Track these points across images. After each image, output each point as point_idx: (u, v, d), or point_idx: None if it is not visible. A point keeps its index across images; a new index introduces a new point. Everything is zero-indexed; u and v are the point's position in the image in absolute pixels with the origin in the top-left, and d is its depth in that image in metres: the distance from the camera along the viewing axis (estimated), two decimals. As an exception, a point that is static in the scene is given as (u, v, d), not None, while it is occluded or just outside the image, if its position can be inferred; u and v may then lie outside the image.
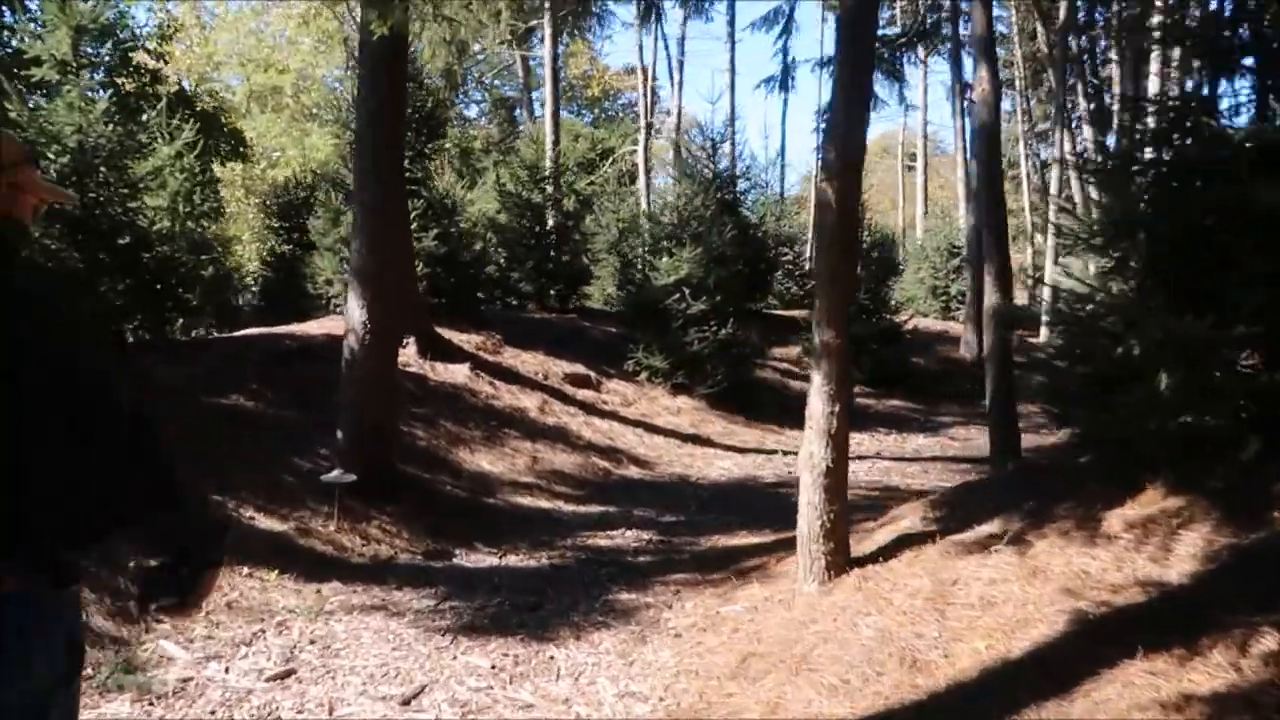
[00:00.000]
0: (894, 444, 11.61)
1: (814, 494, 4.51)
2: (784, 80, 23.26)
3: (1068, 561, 3.86)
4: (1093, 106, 17.81)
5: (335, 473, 6.05)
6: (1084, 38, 18.74)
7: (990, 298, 7.31)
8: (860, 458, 10.51)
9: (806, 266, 22.69)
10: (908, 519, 5.13)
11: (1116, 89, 17.02)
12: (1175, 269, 4.25)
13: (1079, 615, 3.53)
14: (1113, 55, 17.65)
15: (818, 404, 4.48)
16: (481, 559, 6.16)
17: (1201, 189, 4.14)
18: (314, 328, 9.99)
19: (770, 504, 7.89)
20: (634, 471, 9.21)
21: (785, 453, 10.46)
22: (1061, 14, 17.74)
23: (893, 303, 15.36)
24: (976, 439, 12.10)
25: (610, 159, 22.92)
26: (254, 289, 16.51)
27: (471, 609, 5.12)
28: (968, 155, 18.91)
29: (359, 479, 6.12)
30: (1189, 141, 4.36)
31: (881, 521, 5.38)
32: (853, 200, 4.42)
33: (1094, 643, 3.37)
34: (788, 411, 12.78)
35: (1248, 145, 4.05)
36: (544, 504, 7.66)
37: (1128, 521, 3.98)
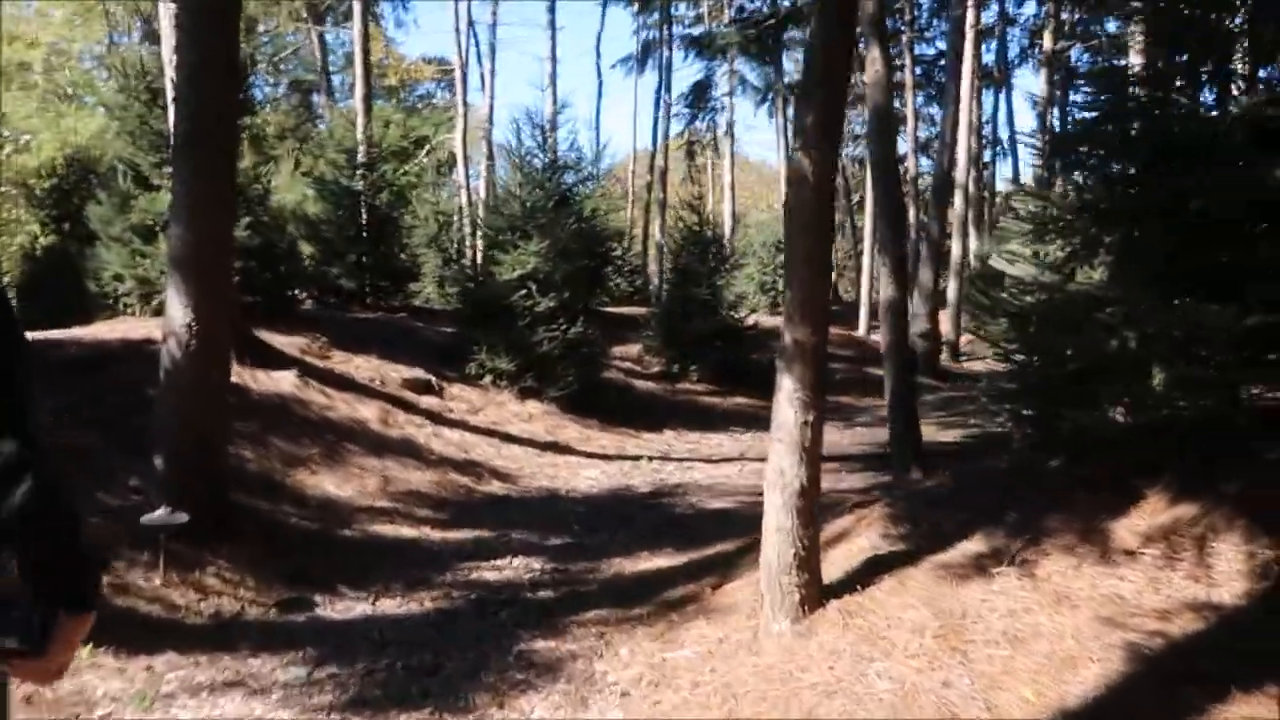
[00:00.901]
0: (754, 444, 11.24)
1: (785, 517, 3.87)
2: (643, 59, 22.77)
3: (1092, 584, 3.41)
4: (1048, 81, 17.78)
5: (160, 512, 4.81)
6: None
7: (887, 290, 6.98)
8: (726, 460, 10.07)
9: (636, 262, 22.32)
10: (864, 536, 4.60)
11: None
12: (1165, 254, 3.93)
13: (1132, 649, 3.06)
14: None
15: (789, 413, 3.83)
16: (350, 607, 5.11)
17: (1195, 169, 3.81)
18: (105, 331, 8.38)
19: (657, 519, 7.24)
20: (497, 487, 8.28)
21: (650, 458, 9.84)
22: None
23: (731, 298, 15.12)
24: (829, 436, 11.96)
25: (425, 148, 21.55)
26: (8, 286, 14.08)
27: (355, 677, 4.12)
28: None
29: (188, 517, 4.90)
30: (1174, 117, 4.04)
31: (827, 539, 4.81)
32: (832, 173, 3.81)
33: (1164, 682, 2.90)
34: (639, 413, 12.22)
35: (1243, 121, 3.76)
36: (407, 531, 6.62)
37: (1141, 534, 3.59)
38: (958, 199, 18.28)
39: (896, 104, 25.07)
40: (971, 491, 4.66)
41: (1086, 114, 4.62)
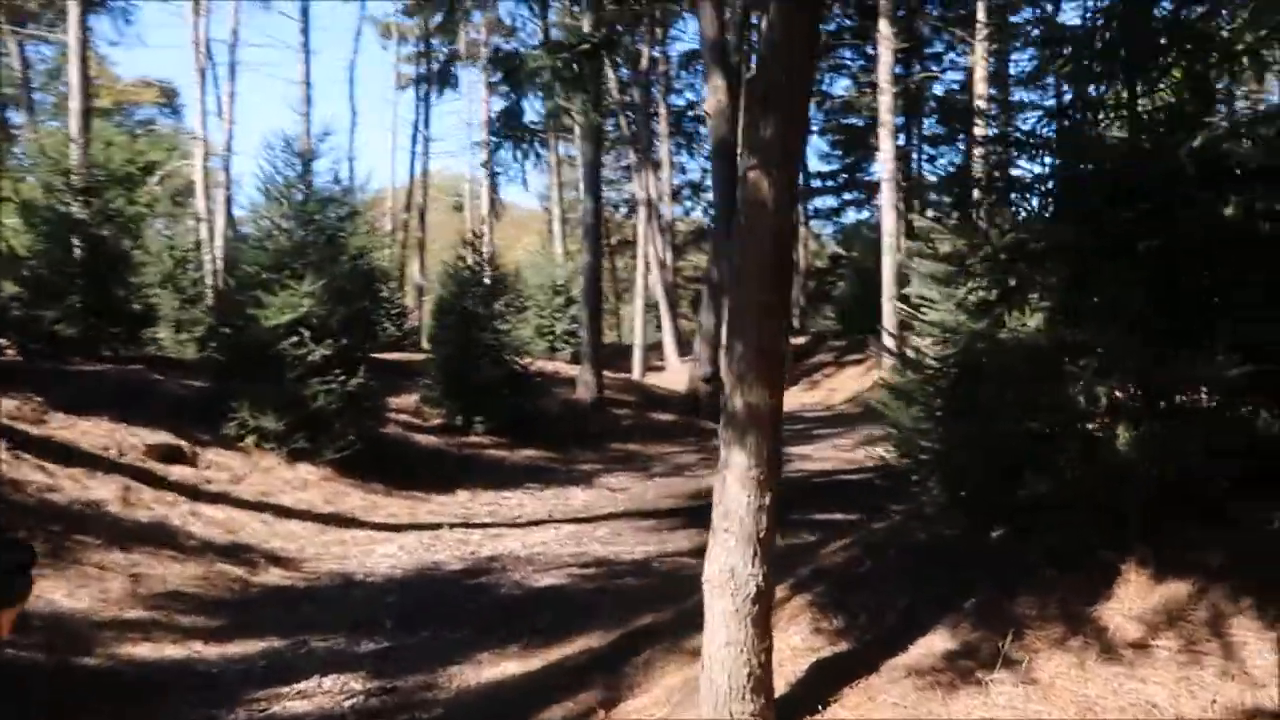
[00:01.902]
0: (557, 503, 10.42)
1: (737, 628, 3.10)
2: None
3: (1112, 690, 2.91)
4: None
5: None
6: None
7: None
8: (534, 523, 9.18)
9: (406, 304, 20.86)
10: (792, 632, 3.91)
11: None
12: (1114, 297, 3.59)
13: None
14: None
15: (739, 496, 3.10)
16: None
17: (1142, 207, 3.51)
18: None
19: (484, 605, 6.23)
20: (278, 575, 6.89)
21: (451, 526, 8.75)
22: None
23: (515, 344, 14.23)
24: (631, 488, 11.42)
25: (157, 175, 19.01)
26: None
27: None
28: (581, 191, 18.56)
29: None
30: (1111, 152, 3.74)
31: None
32: (794, 199, 3.14)
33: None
34: (426, 473, 11.04)
35: (1195, 155, 3.50)
36: (173, 651, 5.19)
37: (1139, 620, 3.16)
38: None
39: (649, 149, 25.48)
40: (894, 570, 4.13)
41: (996, 150, 4.29)
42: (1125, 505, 3.39)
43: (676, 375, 25.61)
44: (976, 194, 4.39)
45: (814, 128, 33.66)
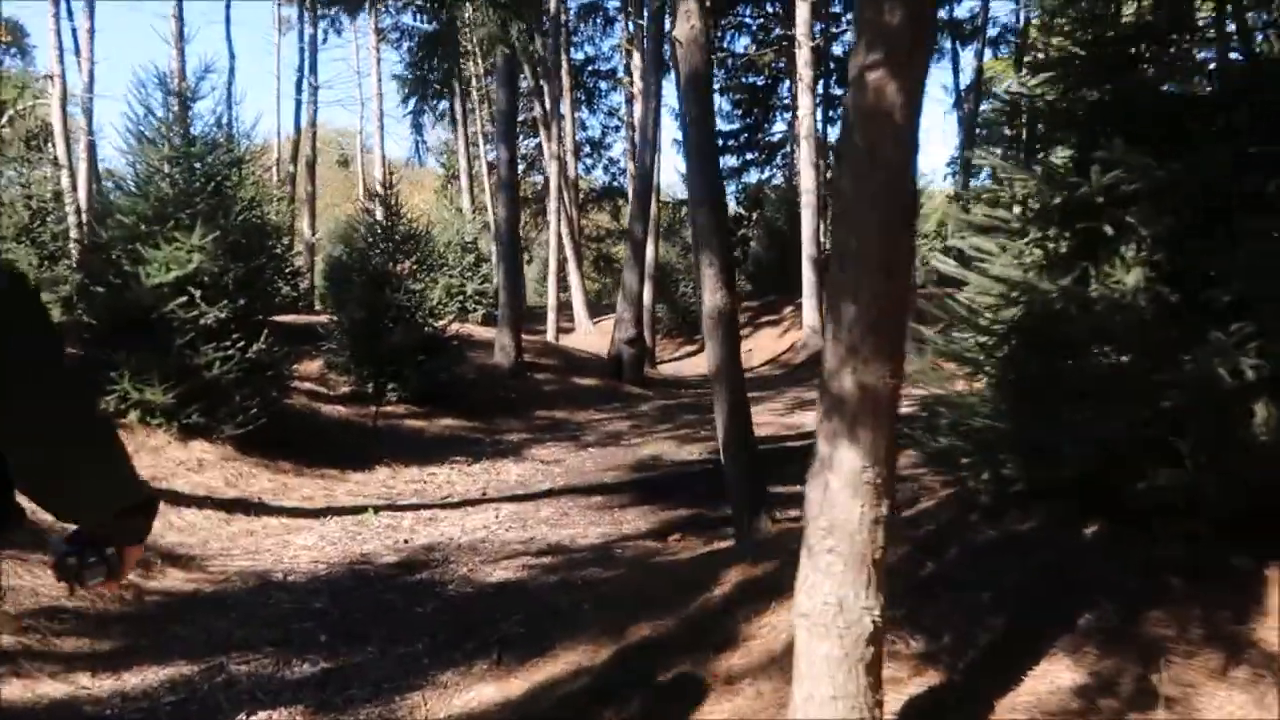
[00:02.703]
0: (489, 478, 9.51)
1: (846, 679, 2.34)
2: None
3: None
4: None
5: None
6: None
7: (713, 297, 5.65)
8: (469, 503, 8.27)
9: (298, 261, 19.33)
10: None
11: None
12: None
13: None
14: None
15: (850, 506, 2.31)
16: None
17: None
18: None
19: (433, 609, 5.34)
20: (179, 579, 5.81)
21: (376, 509, 7.76)
22: None
23: (429, 305, 13.10)
24: (566, 459, 10.59)
25: (3, 116, 16.90)
26: None
27: None
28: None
29: None
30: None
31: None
32: (918, 113, 2.32)
33: None
34: (338, 448, 9.96)
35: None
36: (53, 688, 4.12)
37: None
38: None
39: (548, 106, 24.34)
40: (966, 574, 3.43)
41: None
42: (1248, 498, 2.78)
43: (588, 337, 24.81)
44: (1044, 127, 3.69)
45: (715, 86, 33.04)
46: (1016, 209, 3.81)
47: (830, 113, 28.85)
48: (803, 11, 19.07)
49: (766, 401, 14.44)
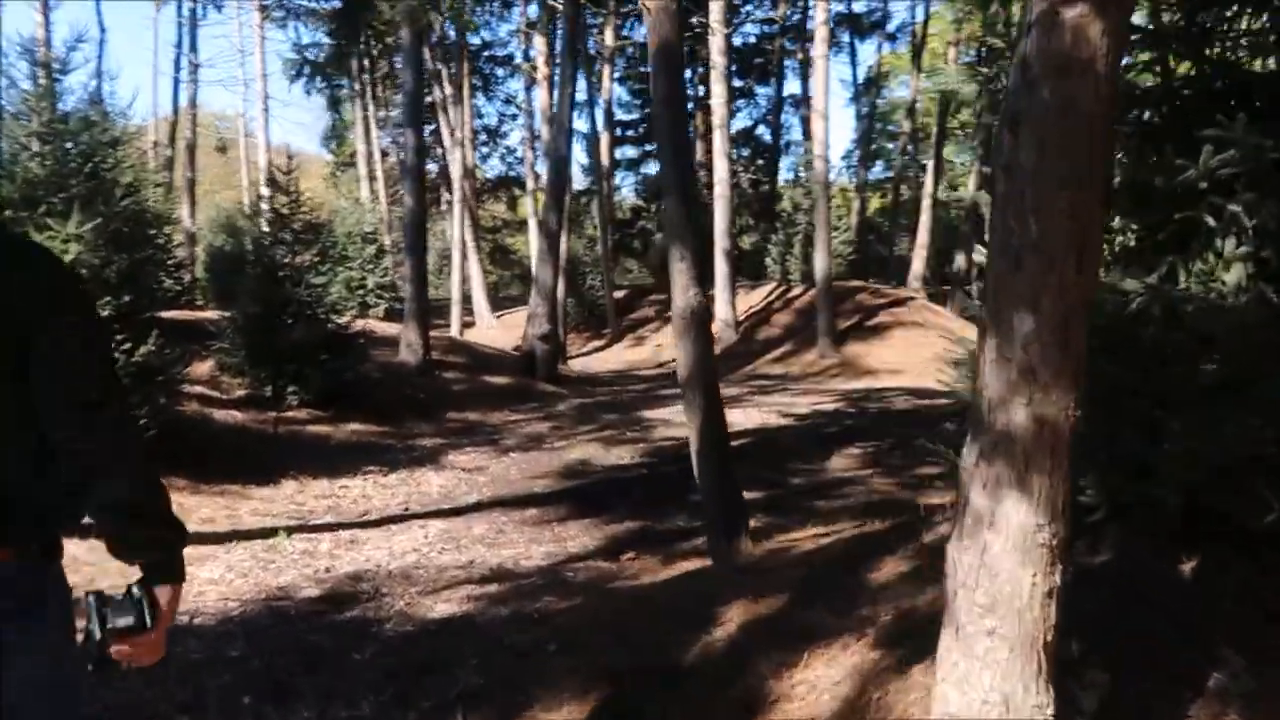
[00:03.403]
0: (409, 490, 8.79)
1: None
2: None
3: None
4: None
5: None
6: None
7: (684, 295, 5.13)
8: (392, 521, 7.57)
9: (180, 253, 17.92)
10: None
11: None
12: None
13: None
14: None
15: (1018, 575, 1.87)
16: None
17: None
18: None
19: (374, 656, 4.66)
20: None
21: (288, 531, 6.98)
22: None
23: (331, 299, 12.18)
24: (488, 466, 9.94)
25: None
26: None
27: None
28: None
29: None
30: None
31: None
32: (1118, 67, 1.85)
33: None
34: (237, 459, 9.05)
35: None
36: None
37: None
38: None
39: (440, 94, 23.42)
40: (1112, 625, 2.92)
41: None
42: None
43: (490, 332, 24.03)
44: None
45: (615, 75, 32.56)
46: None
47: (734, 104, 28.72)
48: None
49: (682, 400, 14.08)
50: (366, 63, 25.78)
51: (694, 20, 18.90)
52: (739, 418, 12.36)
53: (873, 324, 18.74)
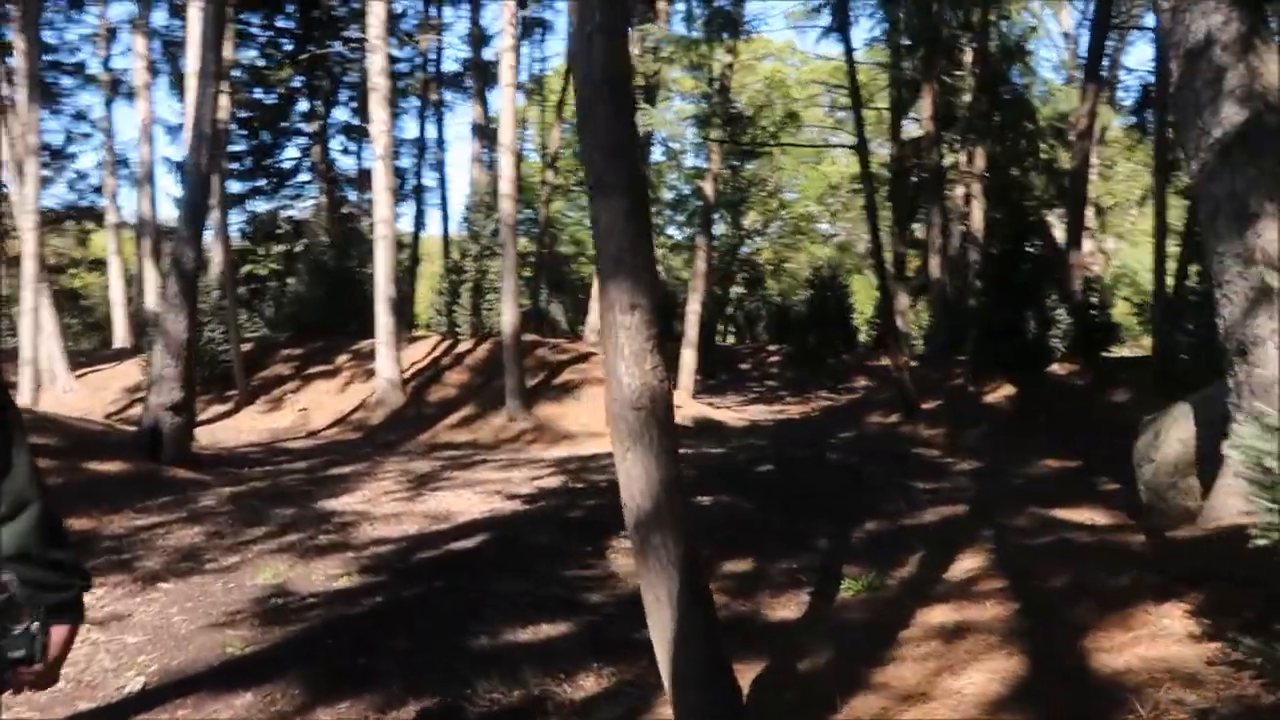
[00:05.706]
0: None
1: None
2: None
3: None
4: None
5: None
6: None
7: (639, 368, 3.01)
8: None
9: None
10: None
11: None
12: None
13: None
14: None
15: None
16: None
17: None
18: None
19: None
20: None
21: None
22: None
23: None
24: (133, 615, 6.69)
25: None
26: None
27: None
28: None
29: None
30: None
31: None
32: None
33: None
34: None
35: None
36: None
37: None
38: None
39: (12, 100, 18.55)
40: None
41: None
42: None
43: (69, 396, 19.02)
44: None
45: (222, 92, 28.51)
46: None
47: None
48: (379, 10, 16.30)
49: (371, 480, 11.46)
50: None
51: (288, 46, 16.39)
52: (456, 504, 10.08)
53: (560, 382, 17.19)
